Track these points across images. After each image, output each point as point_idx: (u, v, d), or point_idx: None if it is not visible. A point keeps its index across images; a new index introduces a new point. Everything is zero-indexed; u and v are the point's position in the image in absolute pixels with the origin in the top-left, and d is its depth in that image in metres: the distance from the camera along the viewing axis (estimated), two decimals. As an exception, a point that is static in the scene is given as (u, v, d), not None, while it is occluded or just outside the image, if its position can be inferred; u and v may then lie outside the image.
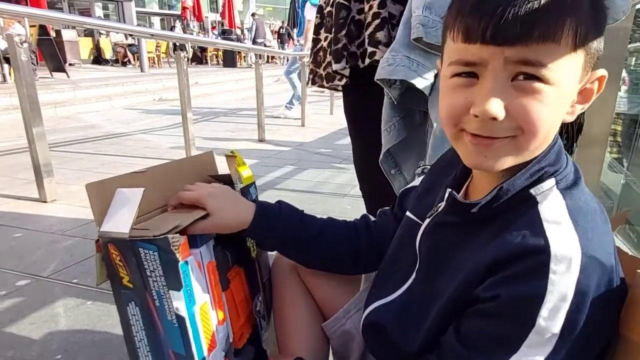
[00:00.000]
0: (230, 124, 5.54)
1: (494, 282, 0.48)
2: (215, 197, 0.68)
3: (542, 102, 0.46)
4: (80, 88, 6.65)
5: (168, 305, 0.59)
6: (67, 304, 1.46)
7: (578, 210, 0.49)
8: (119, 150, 3.79)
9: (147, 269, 0.58)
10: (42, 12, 3.42)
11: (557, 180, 0.51)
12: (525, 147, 0.49)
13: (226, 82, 9.48)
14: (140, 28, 5.70)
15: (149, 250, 0.57)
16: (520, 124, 0.47)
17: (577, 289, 0.44)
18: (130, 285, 0.60)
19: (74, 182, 2.82)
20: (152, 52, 12.24)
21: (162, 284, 0.58)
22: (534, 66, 0.45)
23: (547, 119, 0.47)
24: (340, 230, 0.78)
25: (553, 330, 0.44)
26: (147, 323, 0.61)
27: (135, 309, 0.61)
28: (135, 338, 0.63)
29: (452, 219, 0.58)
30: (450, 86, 0.51)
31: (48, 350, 1.23)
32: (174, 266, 0.57)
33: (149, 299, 0.60)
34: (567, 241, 0.46)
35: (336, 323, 0.78)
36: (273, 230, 0.73)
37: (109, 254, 0.60)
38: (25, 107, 2.34)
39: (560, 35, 0.44)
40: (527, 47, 0.44)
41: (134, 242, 0.57)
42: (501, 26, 0.44)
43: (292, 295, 0.83)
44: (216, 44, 8.39)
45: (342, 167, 3.41)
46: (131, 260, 0.59)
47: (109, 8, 18.20)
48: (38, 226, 2.11)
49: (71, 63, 9.78)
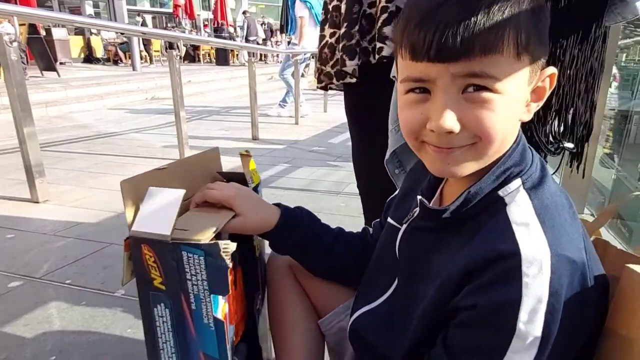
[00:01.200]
0: (224, 122, 5.52)
1: (471, 290, 0.49)
2: (242, 199, 0.69)
3: (493, 110, 0.48)
4: (71, 87, 6.59)
5: (206, 309, 0.59)
6: (61, 304, 1.45)
7: (545, 210, 0.50)
8: (111, 150, 3.76)
9: (188, 272, 0.57)
10: (32, 11, 3.38)
11: (523, 180, 0.52)
12: (485, 153, 0.51)
13: (219, 80, 9.43)
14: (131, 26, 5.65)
15: (193, 254, 0.56)
16: (476, 133, 0.49)
17: (551, 289, 0.45)
18: (163, 287, 0.60)
19: (66, 182, 2.80)
20: (144, 50, 12.16)
21: (203, 288, 0.58)
22: (481, 78, 0.47)
23: (501, 125, 0.49)
24: (350, 241, 0.79)
25: (535, 333, 0.45)
26: (176, 325, 0.61)
27: (164, 311, 0.61)
28: (159, 339, 0.62)
29: (427, 224, 0.59)
30: (405, 102, 0.52)
31: (42, 352, 1.22)
32: (222, 272, 0.57)
33: (184, 301, 0.59)
34: (535, 243, 0.47)
35: (334, 319, 0.78)
36: (294, 235, 0.74)
37: (141, 254, 0.59)
38: (15, 107, 2.31)
39: (502, 46, 0.46)
40: (471, 61, 0.46)
41: (177, 245, 0.56)
42: (443, 44, 0.45)
43: (288, 294, 0.83)
44: (208, 42, 8.35)
45: (336, 164, 3.41)
46: (169, 263, 0.58)
47: (99, 6, 18.05)
48: (30, 227, 2.10)
49: (62, 62, 9.68)
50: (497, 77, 0.47)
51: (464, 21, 0.45)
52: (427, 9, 0.47)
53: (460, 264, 0.50)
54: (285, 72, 5.67)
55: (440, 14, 0.46)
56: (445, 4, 0.46)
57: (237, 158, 0.82)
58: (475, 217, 0.53)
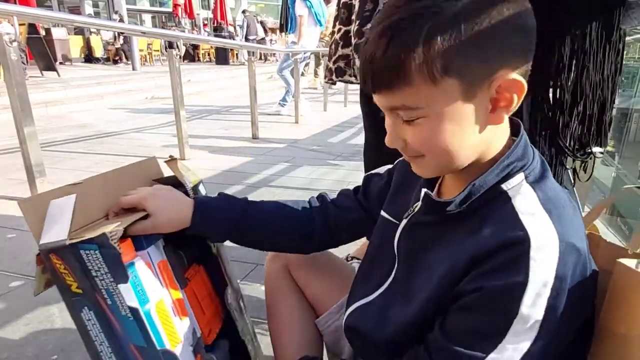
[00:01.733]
0: (224, 121, 5.52)
1: (476, 275, 0.49)
2: (154, 198, 0.69)
3: (432, 130, 0.51)
4: (71, 87, 6.59)
5: (119, 300, 0.60)
6: (62, 304, 1.41)
7: (549, 201, 0.51)
8: (111, 150, 3.77)
9: (91, 269, 0.59)
10: (31, 10, 3.38)
11: (526, 174, 0.53)
12: (439, 163, 0.55)
13: (219, 79, 9.43)
14: (131, 26, 5.66)
15: (89, 250, 0.58)
16: (419, 150, 0.54)
17: (557, 275, 0.46)
18: (80, 291, 0.61)
19: (66, 182, 2.79)
20: (144, 49, 12.15)
21: (109, 281, 0.59)
22: (402, 109, 0.51)
23: (445, 141, 0.51)
24: (290, 217, 0.79)
25: (536, 316, 0.46)
26: (103, 324, 0.62)
27: (89, 313, 0.62)
28: (95, 342, 0.63)
29: (429, 218, 0.60)
30: None
31: (44, 351, 1.23)
32: (117, 259, 0.58)
33: (100, 299, 0.60)
34: (544, 230, 0.48)
35: (330, 318, 0.79)
36: (213, 224, 0.74)
37: (53, 265, 0.60)
38: (15, 107, 2.31)
39: (414, 77, 0.48)
40: (389, 95, 0.50)
41: (74, 246, 0.58)
42: (367, 79, 0.51)
43: (284, 293, 0.84)
44: (208, 41, 8.34)
45: (336, 163, 3.42)
46: (75, 265, 0.59)
47: (99, 6, 18.04)
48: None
49: (62, 62, 9.68)
50: (416, 107, 0.50)
51: (372, 59, 0.49)
52: (364, 43, 0.52)
53: (465, 255, 0.51)
54: (284, 70, 5.67)
55: (363, 51, 0.51)
56: (369, 40, 0.50)
57: (236, 157, 0.82)
58: (477, 210, 0.54)
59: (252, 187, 2.81)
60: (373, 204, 0.76)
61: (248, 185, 2.83)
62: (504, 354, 0.47)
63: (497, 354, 0.47)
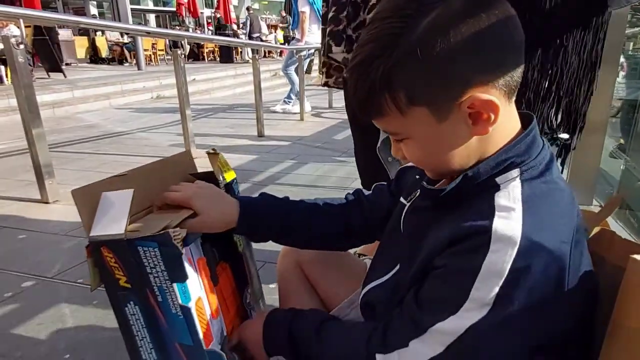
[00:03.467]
0: (229, 119, 5.54)
1: (446, 253, 0.53)
2: (201, 198, 0.69)
3: (417, 148, 0.56)
4: (77, 88, 6.63)
5: (172, 298, 0.60)
6: (73, 303, 1.47)
7: (533, 199, 0.52)
8: (118, 150, 3.79)
9: (147, 266, 0.59)
10: (37, 13, 3.40)
11: (522, 170, 0.54)
12: (437, 172, 0.61)
13: (223, 78, 9.45)
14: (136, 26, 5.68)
15: (148, 247, 0.58)
16: (416, 164, 0.62)
17: (512, 268, 0.48)
18: (128, 285, 0.61)
19: (75, 182, 2.82)
20: (149, 49, 12.20)
21: (164, 279, 0.59)
22: (390, 133, 0.57)
23: (434, 157, 0.57)
24: (329, 213, 0.80)
25: (484, 300, 0.49)
26: (148, 320, 0.62)
27: (134, 308, 0.62)
28: (136, 337, 0.63)
29: (425, 204, 0.65)
30: None
31: (56, 350, 1.25)
32: (177, 259, 0.58)
33: (150, 295, 0.60)
34: (510, 225, 0.49)
35: (340, 313, 0.79)
36: (259, 225, 0.75)
37: (102, 258, 0.60)
38: (23, 109, 2.34)
39: (386, 110, 0.52)
40: (376, 121, 0.56)
41: (131, 242, 0.57)
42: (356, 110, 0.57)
43: (296, 289, 0.84)
44: (212, 39, 8.35)
45: (342, 160, 3.42)
46: (128, 260, 0.59)
47: (103, 6, 18.11)
48: (41, 227, 2.12)
49: (67, 63, 9.74)
50: (396, 132, 0.56)
51: (350, 96, 0.55)
52: None
53: (445, 236, 0.54)
54: (289, 67, 5.67)
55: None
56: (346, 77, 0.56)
57: (242, 155, 0.83)
58: (469, 199, 0.55)
59: (259, 184, 2.82)
60: None
61: (254, 183, 2.84)
62: (452, 324, 0.51)
63: (447, 322, 0.51)
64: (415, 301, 0.56)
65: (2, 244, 1.96)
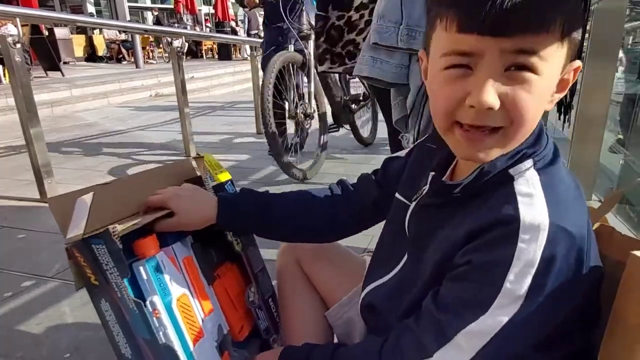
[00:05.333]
0: (228, 117, 5.53)
1: (468, 249, 0.51)
2: (179, 198, 0.72)
3: (530, 92, 0.48)
4: (75, 86, 6.61)
5: (125, 293, 0.62)
6: (74, 302, 1.47)
7: (551, 185, 0.52)
8: (117, 148, 3.78)
9: (102, 263, 0.62)
10: (34, 12, 3.39)
11: (535, 160, 0.54)
12: (513, 138, 0.52)
13: (222, 75, 9.42)
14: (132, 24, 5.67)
15: (98, 244, 0.61)
16: (510, 114, 0.49)
17: (543, 256, 0.47)
18: (97, 283, 0.64)
19: (74, 181, 2.82)
20: (147, 47, 12.15)
21: (116, 275, 0.62)
22: (529, 55, 0.47)
23: (534, 109, 0.50)
24: (314, 206, 0.80)
25: (519, 292, 0.48)
26: (118, 315, 0.65)
27: (106, 305, 0.65)
28: (113, 333, 0.66)
29: (435, 201, 0.61)
30: (445, 78, 0.51)
31: (57, 350, 1.25)
32: (118, 254, 0.61)
33: (112, 291, 0.63)
34: (536, 212, 0.49)
35: (339, 310, 0.80)
36: (238, 219, 0.77)
37: (76, 258, 0.63)
38: (21, 108, 2.33)
39: (554, 27, 0.46)
40: (524, 38, 0.46)
41: (87, 240, 0.61)
42: (499, 18, 0.45)
43: (295, 287, 0.84)
44: (210, 37, 8.33)
45: (340, 157, 3.41)
46: (90, 259, 0.62)
47: (100, 4, 18.04)
48: (41, 227, 2.12)
49: (65, 61, 9.71)
50: (543, 57, 0.47)
51: None
52: None
53: (463, 231, 0.52)
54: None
55: None
56: None
57: (241, 153, 0.83)
58: (482, 194, 0.54)
59: (258, 182, 2.81)
60: (391, 185, 0.77)
61: (253, 181, 2.83)
62: (483, 324, 0.49)
63: (478, 324, 0.49)
64: (437, 306, 0.53)
65: (2, 243, 1.96)
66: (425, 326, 0.54)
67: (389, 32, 1.10)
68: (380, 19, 1.12)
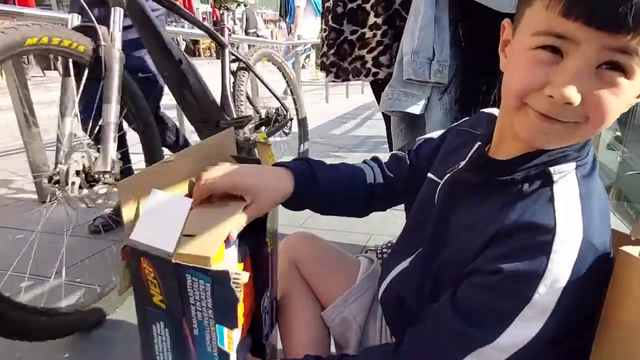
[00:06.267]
0: (226, 116, 5.51)
1: (498, 255, 0.49)
2: (249, 177, 0.62)
3: (617, 95, 0.45)
4: (73, 86, 6.58)
5: (210, 338, 0.54)
6: (72, 303, 1.46)
7: (589, 197, 0.50)
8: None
9: (191, 296, 0.51)
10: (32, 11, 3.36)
11: (578, 164, 0.52)
12: (583, 134, 0.49)
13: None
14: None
15: (199, 279, 0.50)
16: (588, 113, 0.46)
17: (573, 271, 0.46)
18: (163, 306, 0.54)
19: (72, 181, 2.81)
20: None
21: (208, 317, 0.52)
22: (629, 55, 0.43)
23: (616, 111, 0.47)
24: (354, 183, 0.77)
25: (547, 306, 0.46)
26: (176, 346, 0.56)
27: (163, 330, 0.56)
28: (157, 356, 0.58)
29: (471, 177, 0.59)
30: (530, 59, 0.48)
31: (55, 351, 1.24)
32: (231, 304, 0.50)
33: (187, 326, 0.54)
34: (572, 225, 0.47)
35: (334, 311, 0.80)
36: (312, 191, 0.70)
37: (140, 267, 0.53)
38: (18, 108, 2.32)
39: None
40: (631, 38, 0.42)
41: (179, 267, 0.50)
42: (613, 14, 0.41)
43: (293, 288, 0.84)
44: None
45: (339, 155, 3.41)
46: (171, 284, 0.51)
47: (98, 3, 17.93)
48: (39, 227, 2.11)
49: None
50: (631, 64, 0.44)
51: None
52: None
53: (493, 225, 0.51)
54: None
55: None
56: None
57: (239, 153, 0.81)
58: (519, 184, 0.53)
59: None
60: (422, 165, 0.76)
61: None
62: (509, 339, 0.47)
63: (504, 337, 0.48)
64: (459, 315, 0.51)
65: (0, 244, 1.95)
66: (445, 337, 0.52)
67: (423, 68, 1.19)
68: (414, 55, 1.19)
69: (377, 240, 1.83)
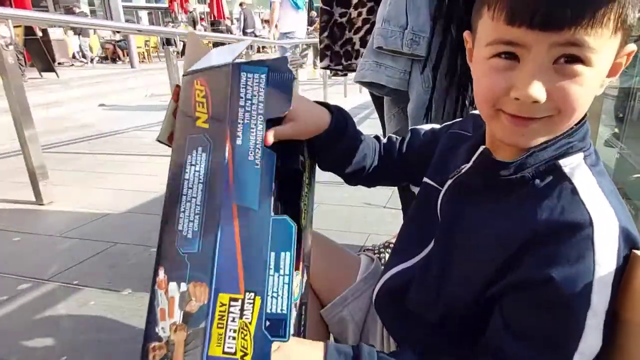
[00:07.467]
0: (224, 116, 5.51)
1: (542, 262, 0.47)
2: (295, 99, 0.61)
3: (581, 84, 0.46)
4: (70, 87, 6.59)
5: (255, 140, 0.54)
6: (70, 305, 1.46)
7: (606, 186, 0.50)
8: (114, 149, 3.77)
9: (242, 97, 0.55)
10: (28, 13, 3.37)
11: (585, 155, 0.52)
12: (560, 126, 0.50)
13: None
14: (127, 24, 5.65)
15: (255, 73, 0.55)
16: (558, 106, 0.47)
17: (617, 260, 0.46)
18: (206, 126, 0.56)
19: (70, 183, 2.81)
20: (142, 47, 12.10)
21: (257, 113, 0.55)
22: (579, 47, 0.45)
23: (584, 99, 0.48)
24: (369, 153, 0.77)
25: (604, 304, 0.45)
26: (210, 172, 0.55)
27: (199, 156, 0.55)
28: (184, 196, 0.55)
29: (477, 182, 0.58)
30: (489, 68, 0.50)
31: (53, 353, 1.24)
32: (287, 84, 0.55)
33: (229, 135, 0.55)
34: (606, 215, 0.47)
35: (333, 310, 0.79)
36: (342, 137, 0.71)
37: (192, 92, 0.57)
38: (15, 111, 2.32)
39: (608, 20, 0.44)
40: (574, 31, 0.44)
41: (237, 66, 0.55)
42: (551, 13, 0.43)
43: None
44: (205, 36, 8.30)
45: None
46: (222, 92, 0.55)
47: (94, 4, 17.95)
48: (36, 229, 2.11)
49: (60, 62, 9.66)
50: (595, 49, 0.45)
51: None
52: None
53: (520, 232, 0.49)
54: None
55: None
56: None
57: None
58: (529, 182, 0.52)
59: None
60: (413, 158, 0.78)
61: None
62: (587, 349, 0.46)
63: (582, 348, 0.46)
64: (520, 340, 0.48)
65: (-2, 247, 1.95)
66: None
67: (394, 37, 1.08)
68: (385, 22, 1.09)
69: (374, 240, 1.83)
